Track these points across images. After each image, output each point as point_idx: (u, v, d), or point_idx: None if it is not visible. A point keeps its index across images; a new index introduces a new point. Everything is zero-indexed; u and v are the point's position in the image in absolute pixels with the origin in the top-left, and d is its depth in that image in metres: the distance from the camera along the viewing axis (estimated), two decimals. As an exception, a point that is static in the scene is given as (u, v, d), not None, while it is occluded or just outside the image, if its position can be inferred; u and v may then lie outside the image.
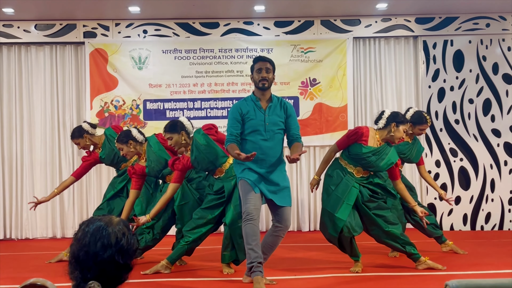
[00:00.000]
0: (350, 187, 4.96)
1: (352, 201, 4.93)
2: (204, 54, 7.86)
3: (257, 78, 4.56)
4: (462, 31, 7.89)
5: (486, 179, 7.82)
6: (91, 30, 7.78)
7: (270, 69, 4.57)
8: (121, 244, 1.71)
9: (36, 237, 7.75)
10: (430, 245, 6.15)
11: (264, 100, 4.58)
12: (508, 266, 5.09)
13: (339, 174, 5.04)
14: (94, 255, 1.67)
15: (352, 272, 4.96)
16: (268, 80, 4.55)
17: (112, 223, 1.74)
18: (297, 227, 7.93)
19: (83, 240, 1.71)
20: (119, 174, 5.95)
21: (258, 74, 4.55)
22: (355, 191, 4.96)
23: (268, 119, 4.51)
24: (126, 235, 1.73)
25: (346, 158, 5.06)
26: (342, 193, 4.95)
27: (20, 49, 7.87)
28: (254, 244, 4.36)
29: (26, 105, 7.82)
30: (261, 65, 4.56)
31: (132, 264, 1.76)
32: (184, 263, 5.50)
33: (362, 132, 4.96)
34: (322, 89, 7.86)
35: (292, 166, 7.81)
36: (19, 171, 7.79)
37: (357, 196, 4.97)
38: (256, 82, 4.57)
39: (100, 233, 1.71)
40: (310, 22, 7.91)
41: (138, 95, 7.74)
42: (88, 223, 1.75)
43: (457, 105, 7.85)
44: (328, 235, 5.04)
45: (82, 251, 1.69)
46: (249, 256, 4.38)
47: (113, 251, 1.69)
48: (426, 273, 4.94)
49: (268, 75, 4.54)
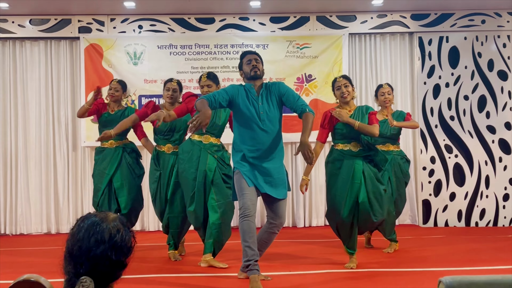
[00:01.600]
0: (353, 166, 4.94)
1: (359, 178, 4.92)
2: (200, 49, 7.84)
3: (247, 69, 4.54)
4: (458, 28, 7.90)
5: (481, 175, 7.84)
6: (86, 25, 7.76)
7: (259, 60, 4.59)
8: (115, 240, 1.70)
9: (30, 232, 7.74)
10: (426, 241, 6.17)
11: (256, 89, 4.56)
12: (502, 262, 5.11)
13: (338, 157, 5.03)
14: (87, 250, 1.67)
15: (346, 268, 4.97)
16: (260, 69, 4.55)
17: (107, 219, 1.74)
18: (292, 223, 7.94)
19: (77, 235, 1.71)
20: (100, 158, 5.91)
21: (248, 65, 4.55)
22: (359, 168, 4.94)
23: (261, 108, 4.48)
24: (121, 231, 1.73)
25: (338, 140, 5.06)
26: (347, 174, 4.94)
27: (14, 44, 7.85)
28: (251, 242, 4.36)
29: (21, 101, 7.80)
30: (249, 57, 4.58)
31: (127, 262, 1.75)
32: (179, 258, 5.51)
33: (330, 113, 5.03)
34: (318, 85, 7.86)
35: (287, 162, 7.81)
36: (13, 166, 7.77)
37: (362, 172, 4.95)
38: (247, 73, 4.55)
39: (94, 228, 1.71)
40: (305, 18, 7.90)
41: (133, 90, 7.71)
42: (83, 219, 1.76)
43: (452, 101, 7.86)
44: (341, 220, 4.97)
45: (76, 246, 1.69)
46: (246, 253, 4.37)
47: (106, 247, 1.69)
48: (421, 269, 4.95)
49: (258, 64, 4.55)
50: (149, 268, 5.13)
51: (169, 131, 5.50)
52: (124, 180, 5.77)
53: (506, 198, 7.83)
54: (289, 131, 7.61)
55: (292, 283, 4.57)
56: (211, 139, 5.22)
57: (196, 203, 5.12)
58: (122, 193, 5.75)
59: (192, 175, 5.12)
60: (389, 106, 5.95)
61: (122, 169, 5.80)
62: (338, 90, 5.07)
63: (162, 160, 5.50)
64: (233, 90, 4.52)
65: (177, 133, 5.52)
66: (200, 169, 5.10)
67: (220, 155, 5.22)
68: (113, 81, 6.02)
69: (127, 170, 5.80)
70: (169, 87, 5.61)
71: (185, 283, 4.59)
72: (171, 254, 5.54)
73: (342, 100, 5.06)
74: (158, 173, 5.49)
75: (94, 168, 5.97)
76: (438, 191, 7.84)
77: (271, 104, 4.49)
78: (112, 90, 5.93)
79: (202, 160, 5.12)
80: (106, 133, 5.48)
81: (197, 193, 5.10)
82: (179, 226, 5.48)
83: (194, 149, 5.17)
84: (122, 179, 5.77)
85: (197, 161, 5.13)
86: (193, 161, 5.14)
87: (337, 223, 5.05)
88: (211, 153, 5.15)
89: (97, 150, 5.99)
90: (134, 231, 1.81)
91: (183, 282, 4.63)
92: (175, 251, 5.56)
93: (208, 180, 5.11)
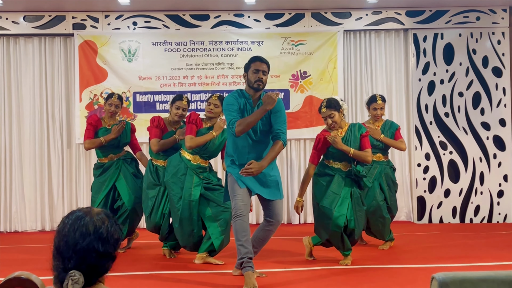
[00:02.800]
0: (343, 183, 5.01)
1: (348, 195, 4.99)
2: (194, 46, 7.82)
3: (252, 78, 4.48)
4: (453, 24, 7.90)
5: (475, 172, 7.86)
6: (81, 22, 7.73)
7: (266, 71, 4.52)
8: (100, 232, 1.71)
9: (25, 229, 7.71)
10: (420, 237, 6.18)
11: (254, 98, 4.55)
12: (496, 259, 5.12)
13: (328, 172, 5.09)
14: (74, 244, 1.68)
15: (341, 264, 4.98)
16: (263, 83, 4.51)
17: (91, 213, 1.75)
18: (287, 220, 7.94)
19: (63, 230, 1.72)
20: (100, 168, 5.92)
21: (254, 75, 4.48)
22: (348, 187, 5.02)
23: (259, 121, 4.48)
24: (106, 223, 1.74)
25: (330, 157, 5.10)
26: (337, 189, 4.99)
27: (8, 40, 7.81)
28: (244, 240, 4.38)
29: (15, 97, 7.76)
30: (258, 66, 4.49)
31: (115, 254, 1.75)
32: (173, 256, 5.50)
33: (324, 137, 5.03)
34: (313, 81, 7.85)
35: (282, 159, 7.81)
36: (7, 163, 7.74)
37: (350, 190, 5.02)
38: (251, 82, 4.49)
39: (79, 222, 1.72)
40: (300, 14, 7.89)
41: (128, 87, 7.69)
42: (68, 215, 1.77)
43: (447, 98, 7.87)
44: (330, 232, 4.99)
45: (62, 242, 1.70)
46: (239, 252, 4.40)
47: (91, 238, 1.69)
48: (415, 265, 4.96)
49: (264, 77, 4.50)
50: (144, 265, 5.13)
51: (171, 148, 5.52)
52: (127, 181, 5.78)
53: (500, 194, 7.85)
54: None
55: (287, 279, 4.58)
56: (199, 160, 5.25)
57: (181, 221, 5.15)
58: (124, 192, 5.75)
59: (178, 195, 5.16)
60: (379, 120, 5.98)
61: (125, 175, 5.81)
62: (325, 120, 5.07)
63: (162, 175, 5.45)
64: (236, 102, 4.49)
65: (175, 150, 5.51)
66: (186, 187, 5.14)
67: (206, 176, 5.26)
68: (113, 98, 5.89)
69: (130, 176, 5.83)
70: (178, 105, 5.57)
71: (181, 279, 4.59)
72: (166, 251, 5.53)
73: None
74: (158, 188, 5.45)
75: (93, 182, 5.96)
76: (433, 188, 7.85)
77: (264, 117, 4.47)
78: (113, 107, 5.88)
79: (188, 179, 5.17)
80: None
81: (181, 212, 5.13)
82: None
83: (181, 166, 5.21)
84: (126, 181, 5.79)
85: (182, 178, 5.19)
86: (177, 177, 5.19)
87: (329, 235, 5.06)
88: (196, 174, 5.20)
89: (96, 165, 6.00)
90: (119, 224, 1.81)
91: (180, 278, 4.63)
92: (171, 249, 5.55)
93: (194, 198, 5.14)
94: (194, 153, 5.23)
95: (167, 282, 4.55)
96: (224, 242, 5.17)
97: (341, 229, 4.96)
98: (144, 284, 4.51)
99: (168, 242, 5.52)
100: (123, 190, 5.76)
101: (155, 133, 5.54)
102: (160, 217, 5.42)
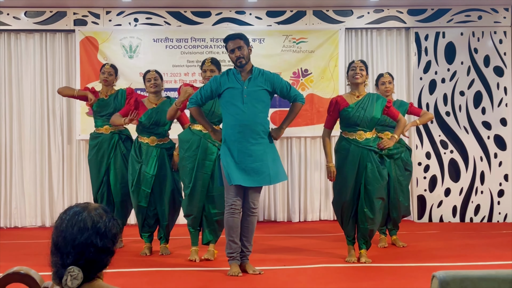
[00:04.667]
0: (358, 155, 4.95)
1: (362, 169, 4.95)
2: (196, 43, 7.81)
3: (233, 58, 4.56)
4: (454, 23, 7.89)
5: (476, 171, 7.85)
6: (82, 18, 7.72)
7: (242, 46, 4.53)
8: (98, 226, 1.71)
9: (25, 225, 7.71)
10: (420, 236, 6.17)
11: (244, 72, 4.57)
12: (496, 258, 5.12)
13: (344, 147, 5.02)
14: (72, 239, 1.68)
15: (348, 262, 5.00)
16: (244, 57, 4.52)
17: (88, 208, 1.76)
18: (287, 218, 7.91)
19: (61, 226, 1.72)
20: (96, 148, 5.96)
21: (232, 55, 4.55)
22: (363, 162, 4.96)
23: (246, 91, 4.50)
24: (103, 218, 1.74)
25: (344, 128, 5.05)
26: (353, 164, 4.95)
27: (9, 36, 7.80)
28: (235, 236, 4.56)
29: (16, 93, 7.76)
30: (232, 44, 4.54)
31: (114, 249, 1.75)
32: (168, 251, 5.50)
33: (336, 99, 5.06)
34: (314, 79, 7.84)
35: (283, 157, 7.79)
36: (8, 159, 7.73)
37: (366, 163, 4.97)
38: (234, 63, 4.58)
39: (76, 218, 1.72)
40: (302, 12, 7.87)
41: (129, 84, 7.65)
42: (66, 211, 1.77)
43: (448, 97, 7.85)
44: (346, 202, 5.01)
45: (60, 237, 1.70)
46: (230, 246, 4.57)
47: (89, 233, 1.69)
48: (415, 264, 4.96)
49: (241, 52, 4.52)
50: (139, 262, 5.13)
51: (153, 125, 5.46)
52: (117, 172, 5.81)
53: (501, 194, 7.84)
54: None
55: (286, 277, 4.57)
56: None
57: (192, 190, 5.12)
58: (113, 183, 5.82)
59: (191, 165, 5.10)
60: (389, 95, 5.93)
61: (116, 160, 5.84)
62: (352, 71, 5.05)
63: (145, 152, 5.45)
64: (215, 83, 4.60)
65: (162, 127, 5.49)
66: (199, 159, 5.09)
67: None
68: (106, 66, 6.01)
69: (121, 161, 5.82)
70: (149, 77, 5.56)
71: (177, 276, 4.59)
72: (162, 248, 5.52)
73: (352, 81, 5.05)
74: (139, 165, 5.44)
75: (89, 153, 6.04)
76: (433, 187, 7.85)
77: (259, 88, 4.51)
78: (106, 74, 5.95)
79: (202, 150, 5.10)
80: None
81: (193, 182, 5.10)
82: (167, 218, 5.48)
83: (194, 138, 5.14)
84: (116, 170, 5.82)
85: (196, 150, 5.11)
86: (192, 150, 5.12)
87: (343, 205, 5.05)
88: (211, 142, 5.10)
89: (92, 135, 6.05)
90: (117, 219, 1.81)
91: (175, 276, 4.62)
92: (166, 245, 5.55)
93: (207, 171, 5.10)
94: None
95: (164, 280, 4.55)
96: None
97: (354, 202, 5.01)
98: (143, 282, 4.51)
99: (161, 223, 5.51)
100: (112, 181, 5.82)
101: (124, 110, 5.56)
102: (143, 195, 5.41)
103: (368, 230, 5.01)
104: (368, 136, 4.98)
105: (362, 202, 4.97)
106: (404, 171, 5.96)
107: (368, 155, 4.95)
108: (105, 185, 5.90)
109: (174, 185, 5.48)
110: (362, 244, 5.06)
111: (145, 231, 5.55)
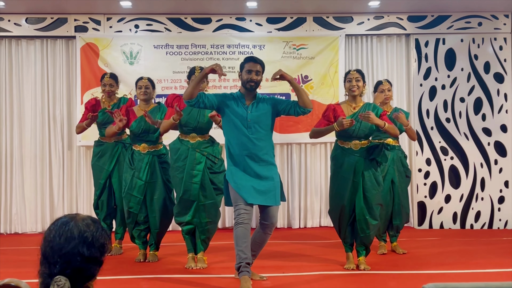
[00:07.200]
0: (354, 166, 4.97)
1: (358, 178, 4.97)
2: (196, 49, 7.83)
3: (245, 78, 4.53)
4: (454, 30, 7.90)
5: (476, 177, 7.84)
6: (82, 24, 7.74)
7: (260, 71, 4.56)
8: (85, 236, 1.72)
9: (25, 231, 7.72)
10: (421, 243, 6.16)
11: (248, 98, 4.58)
12: (496, 266, 5.11)
13: (340, 155, 5.04)
14: (59, 249, 1.69)
15: (347, 269, 4.99)
16: (256, 83, 4.54)
17: (76, 218, 1.77)
18: (287, 224, 7.92)
19: (49, 236, 1.74)
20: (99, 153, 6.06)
21: (247, 75, 4.53)
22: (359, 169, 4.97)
23: (250, 116, 4.50)
24: (91, 228, 1.75)
25: (340, 137, 5.08)
26: (348, 173, 4.97)
27: (10, 42, 7.83)
28: (244, 247, 4.39)
29: (16, 99, 7.78)
30: (251, 66, 4.53)
31: (102, 259, 1.76)
32: (156, 259, 5.50)
33: (334, 107, 5.10)
34: (314, 86, 7.85)
35: (283, 163, 7.79)
36: (8, 165, 7.75)
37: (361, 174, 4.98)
38: (243, 82, 4.56)
39: (64, 228, 1.74)
40: (302, 19, 7.89)
41: (129, 90, 7.69)
42: (55, 221, 1.79)
43: (448, 103, 7.85)
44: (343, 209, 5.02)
45: (48, 247, 1.71)
46: (239, 257, 4.40)
47: (76, 242, 1.71)
48: (415, 271, 4.95)
49: (257, 77, 4.53)
50: (130, 270, 5.13)
51: (143, 133, 5.47)
52: (121, 180, 5.80)
53: (501, 200, 7.83)
54: (285, 132, 7.62)
55: (287, 283, 4.57)
56: (197, 137, 5.22)
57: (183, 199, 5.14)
58: (116, 191, 5.93)
59: (180, 175, 5.15)
60: (388, 102, 5.94)
61: (120, 168, 5.90)
62: (348, 82, 5.07)
63: (136, 160, 5.48)
64: (223, 98, 4.59)
65: (152, 134, 5.49)
66: (188, 169, 5.11)
67: (210, 151, 5.22)
68: (105, 78, 6.05)
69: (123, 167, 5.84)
70: (141, 84, 5.57)
71: (177, 284, 4.59)
72: (151, 255, 5.53)
73: (350, 93, 5.07)
74: (132, 172, 5.47)
75: (92, 158, 6.16)
76: (434, 193, 7.84)
77: (262, 112, 4.52)
78: (107, 87, 6.01)
79: (190, 160, 5.14)
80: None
81: (183, 191, 5.12)
82: (158, 226, 5.49)
83: (182, 148, 5.19)
84: (120, 178, 5.86)
85: (185, 161, 5.15)
86: (181, 160, 5.16)
87: (340, 211, 5.05)
88: (200, 151, 5.16)
89: (96, 142, 6.17)
90: (106, 230, 1.81)
91: (176, 279, 4.62)
92: (155, 252, 5.56)
93: (196, 180, 5.12)
94: (189, 133, 5.21)
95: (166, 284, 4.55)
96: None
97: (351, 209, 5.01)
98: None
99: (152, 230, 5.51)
100: (117, 189, 5.92)
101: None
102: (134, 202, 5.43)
103: (369, 238, 5.02)
104: (363, 145, 5.02)
105: (363, 210, 4.97)
106: (405, 177, 5.98)
107: (363, 163, 4.98)
108: (106, 191, 5.99)
109: (166, 193, 5.51)
110: (362, 251, 5.07)
111: (137, 236, 5.56)
